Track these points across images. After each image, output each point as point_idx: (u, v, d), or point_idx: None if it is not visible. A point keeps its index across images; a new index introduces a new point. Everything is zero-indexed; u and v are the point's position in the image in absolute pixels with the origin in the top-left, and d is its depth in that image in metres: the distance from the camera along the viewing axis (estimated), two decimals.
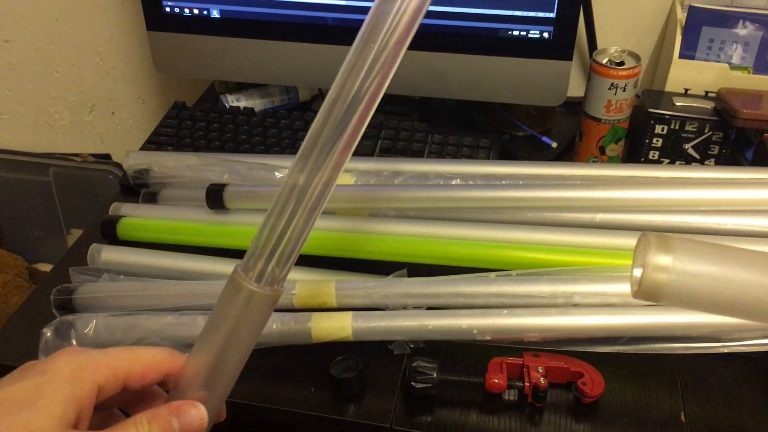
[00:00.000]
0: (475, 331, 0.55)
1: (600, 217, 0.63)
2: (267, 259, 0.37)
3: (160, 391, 0.39)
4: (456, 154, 0.78)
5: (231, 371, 0.38)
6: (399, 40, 0.35)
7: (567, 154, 0.84)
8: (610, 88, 0.72)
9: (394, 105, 0.94)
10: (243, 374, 0.39)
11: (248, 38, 0.83)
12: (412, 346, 0.59)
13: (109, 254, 0.66)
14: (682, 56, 0.80)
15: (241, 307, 0.37)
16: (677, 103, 0.75)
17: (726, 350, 0.54)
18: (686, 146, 0.75)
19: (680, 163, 0.76)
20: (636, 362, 0.57)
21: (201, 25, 0.83)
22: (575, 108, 0.82)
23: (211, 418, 0.37)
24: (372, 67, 0.35)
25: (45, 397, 0.32)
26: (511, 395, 0.56)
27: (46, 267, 1.21)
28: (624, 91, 0.72)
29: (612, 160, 0.77)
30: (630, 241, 0.61)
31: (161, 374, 0.37)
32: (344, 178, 0.68)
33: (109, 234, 0.68)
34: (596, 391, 0.54)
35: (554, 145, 0.84)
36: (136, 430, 0.34)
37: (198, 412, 0.36)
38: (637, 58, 0.73)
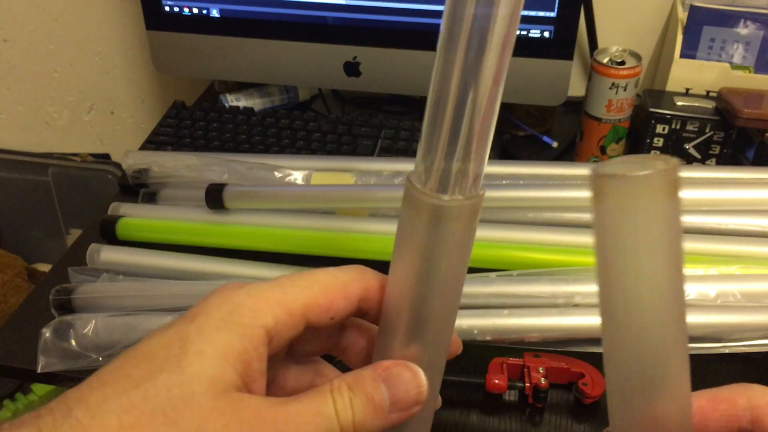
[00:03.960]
0: (475, 332, 0.55)
1: None
2: (447, 154, 0.24)
3: (368, 325, 0.29)
4: None
5: (440, 323, 0.27)
6: None
7: (568, 153, 0.84)
8: (610, 88, 0.72)
9: (394, 105, 0.94)
10: None
11: (248, 38, 0.82)
12: None
13: (109, 254, 0.65)
14: (683, 56, 0.79)
15: (427, 230, 0.26)
16: (678, 103, 0.75)
17: (727, 351, 0.54)
18: (687, 146, 0.75)
19: (681, 163, 0.76)
20: None
21: (200, 24, 0.83)
22: (576, 108, 0.82)
23: (431, 389, 0.27)
24: None
25: (191, 352, 0.23)
26: (511, 396, 0.55)
27: (45, 267, 1.21)
28: (625, 90, 0.72)
29: None
30: None
31: (352, 300, 0.27)
32: (344, 178, 0.68)
33: (108, 234, 0.68)
34: (597, 392, 0.54)
35: (555, 144, 0.84)
36: (334, 400, 0.25)
37: (414, 379, 0.26)
38: (637, 57, 0.73)
